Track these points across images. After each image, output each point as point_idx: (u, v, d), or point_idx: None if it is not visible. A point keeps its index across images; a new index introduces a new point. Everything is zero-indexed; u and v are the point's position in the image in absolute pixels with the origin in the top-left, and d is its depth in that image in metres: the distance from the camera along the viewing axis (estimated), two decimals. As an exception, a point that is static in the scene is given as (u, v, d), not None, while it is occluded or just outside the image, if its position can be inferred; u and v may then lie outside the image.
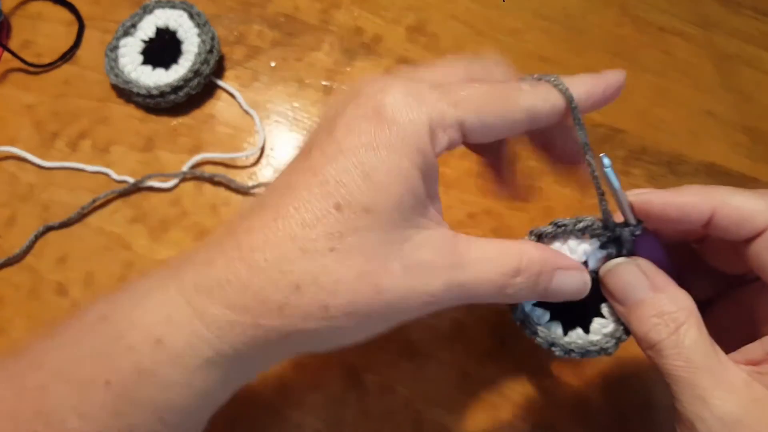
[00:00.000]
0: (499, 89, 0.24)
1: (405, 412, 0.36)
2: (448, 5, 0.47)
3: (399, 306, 0.23)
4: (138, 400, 0.23)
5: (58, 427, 0.23)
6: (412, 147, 0.22)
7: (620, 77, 0.26)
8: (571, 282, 0.26)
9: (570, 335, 0.28)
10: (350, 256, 0.22)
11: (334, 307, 0.22)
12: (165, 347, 0.22)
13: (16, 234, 0.39)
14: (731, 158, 0.44)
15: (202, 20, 0.43)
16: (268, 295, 0.22)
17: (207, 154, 0.41)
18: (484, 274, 0.24)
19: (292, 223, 0.22)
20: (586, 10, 0.48)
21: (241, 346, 0.22)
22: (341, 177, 0.22)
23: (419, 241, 0.23)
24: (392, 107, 0.22)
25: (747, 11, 0.49)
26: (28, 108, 0.43)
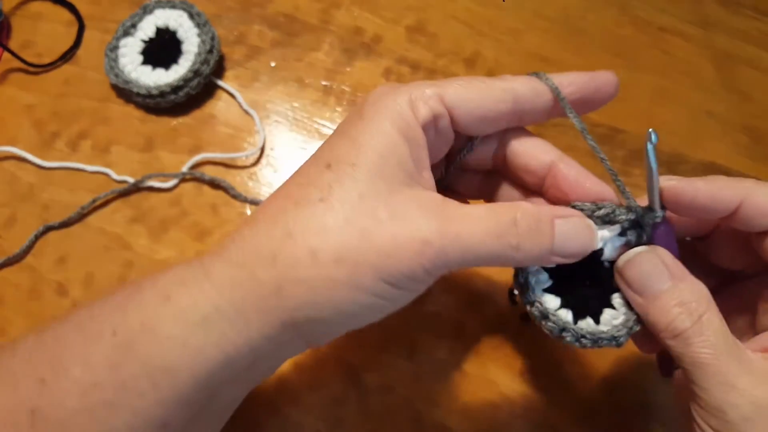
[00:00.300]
0: (481, 77, 0.26)
1: (405, 412, 0.36)
2: (448, 5, 0.47)
3: (388, 251, 0.22)
4: (135, 354, 0.23)
5: (63, 374, 0.24)
6: (392, 113, 0.24)
7: (610, 76, 0.27)
8: (575, 229, 0.25)
9: (580, 324, 0.28)
10: (338, 204, 0.23)
11: (322, 252, 0.22)
12: (171, 303, 0.23)
13: (16, 234, 0.39)
14: (731, 158, 0.44)
15: (202, 20, 0.43)
16: (263, 246, 0.23)
17: (207, 154, 0.41)
18: (481, 224, 0.23)
19: (290, 186, 0.25)
20: (586, 10, 0.48)
21: (238, 301, 0.23)
22: (333, 146, 0.25)
23: (406, 196, 0.24)
24: (375, 94, 0.25)
25: (747, 11, 0.49)
26: (28, 108, 0.43)
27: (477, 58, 0.46)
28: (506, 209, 0.24)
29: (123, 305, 0.24)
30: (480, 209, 0.24)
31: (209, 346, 0.23)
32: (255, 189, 0.41)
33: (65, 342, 0.24)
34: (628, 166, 0.43)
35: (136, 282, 0.25)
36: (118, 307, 0.24)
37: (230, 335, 0.23)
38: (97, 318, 0.24)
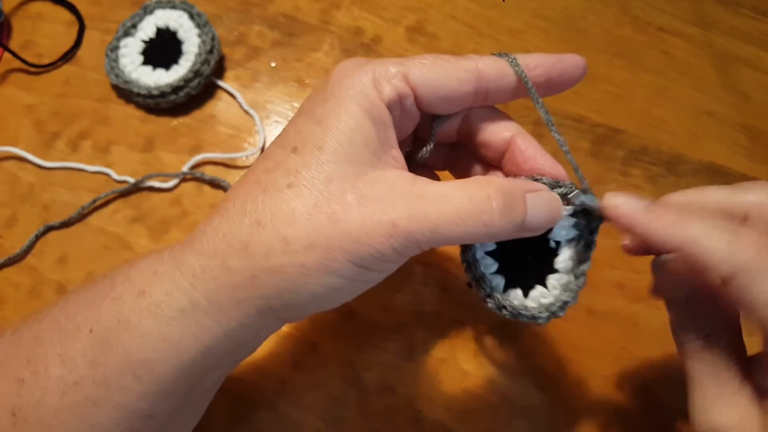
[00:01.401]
0: (446, 56, 0.26)
1: (405, 411, 0.36)
2: (447, 5, 0.48)
3: (358, 236, 0.22)
4: (114, 349, 0.23)
5: (42, 374, 0.24)
6: (357, 93, 0.24)
7: (576, 58, 0.26)
8: (545, 202, 0.25)
9: (508, 293, 0.28)
10: (306, 189, 0.23)
11: (294, 239, 0.22)
12: (146, 297, 0.23)
13: (17, 234, 0.39)
14: (731, 158, 0.44)
15: (202, 20, 0.43)
16: (233, 236, 0.23)
17: (207, 155, 0.41)
18: (453, 204, 0.23)
19: (257, 171, 0.24)
20: (585, 10, 0.48)
21: (212, 293, 0.23)
22: (298, 128, 0.24)
23: (374, 177, 0.23)
24: (338, 70, 0.25)
25: (746, 11, 0.49)
26: (29, 108, 0.43)
27: (477, 59, 0.46)
28: (479, 187, 0.23)
29: (97, 302, 0.24)
30: (451, 187, 0.23)
31: (187, 338, 0.23)
32: (255, 189, 0.41)
33: (41, 341, 0.24)
34: (628, 166, 0.43)
35: (109, 275, 0.25)
36: (93, 303, 0.24)
37: (208, 326, 0.23)
38: (72, 316, 0.24)
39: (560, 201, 0.26)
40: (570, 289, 0.27)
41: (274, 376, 0.36)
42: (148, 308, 0.23)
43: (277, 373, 0.36)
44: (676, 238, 0.23)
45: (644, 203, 0.25)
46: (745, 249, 0.22)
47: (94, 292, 0.25)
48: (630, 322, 0.39)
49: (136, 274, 0.24)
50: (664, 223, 0.24)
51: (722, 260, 0.22)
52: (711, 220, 0.23)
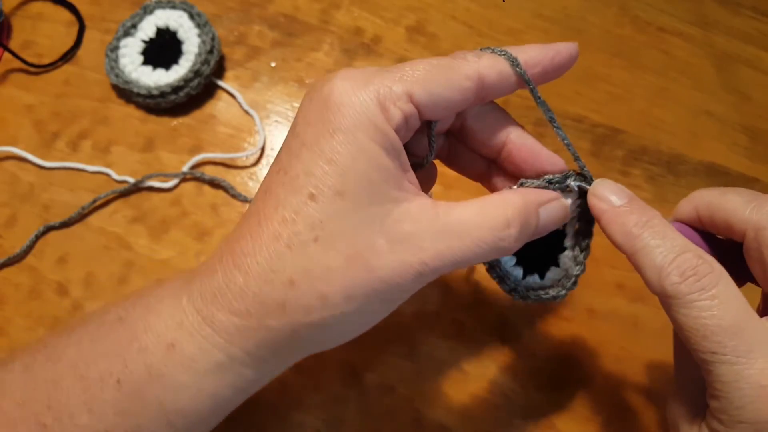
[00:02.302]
0: (445, 61, 0.24)
1: (405, 411, 0.36)
2: (447, 5, 0.48)
3: (393, 280, 0.23)
4: (146, 400, 0.23)
5: (66, 421, 0.23)
6: (366, 124, 0.22)
7: (571, 48, 0.26)
8: (554, 213, 0.26)
9: (527, 280, 0.30)
10: (335, 241, 0.22)
11: (332, 293, 0.22)
12: (177, 351, 0.23)
13: (17, 234, 0.39)
14: (731, 158, 0.44)
15: (202, 20, 0.43)
16: (266, 296, 0.22)
17: (207, 155, 0.41)
18: (474, 234, 0.23)
19: (274, 223, 0.23)
20: (585, 10, 0.48)
21: (252, 348, 0.23)
22: (309, 169, 0.23)
23: (399, 215, 0.23)
24: (339, 92, 0.23)
25: (746, 11, 0.49)
26: (29, 108, 0.43)
27: (477, 59, 0.46)
28: (497, 211, 0.24)
29: (120, 351, 0.24)
30: (470, 213, 0.24)
31: (224, 387, 0.24)
32: (255, 189, 0.41)
33: (62, 387, 0.24)
34: (628, 166, 0.43)
35: (124, 319, 0.25)
36: (115, 352, 0.24)
37: (246, 375, 0.24)
38: (92, 363, 0.24)
39: (567, 206, 0.27)
40: (579, 262, 0.29)
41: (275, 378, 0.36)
42: (182, 362, 0.23)
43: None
44: (624, 246, 0.25)
45: (622, 200, 0.26)
46: (672, 275, 0.23)
47: (113, 338, 0.24)
48: (630, 322, 0.39)
49: (159, 324, 0.24)
50: (622, 227, 0.25)
51: (651, 281, 0.24)
52: (661, 239, 0.24)
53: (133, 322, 0.24)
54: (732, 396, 0.22)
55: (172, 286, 0.25)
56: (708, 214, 0.26)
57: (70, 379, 0.24)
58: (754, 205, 0.24)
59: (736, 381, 0.22)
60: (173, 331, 0.23)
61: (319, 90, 0.23)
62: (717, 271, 0.23)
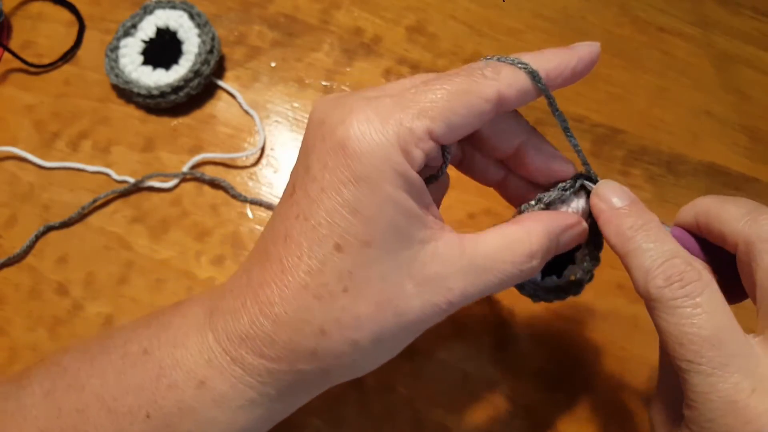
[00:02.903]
0: (461, 83, 0.23)
1: (405, 411, 0.36)
2: (447, 5, 0.48)
3: (421, 320, 0.23)
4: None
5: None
6: (389, 171, 0.22)
7: (593, 49, 0.26)
8: (573, 237, 0.27)
9: (545, 281, 0.30)
10: (364, 291, 0.22)
11: (362, 339, 0.23)
12: (208, 389, 0.23)
13: (17, 234, 0.39)
14: (731, 158, 0.44)
15: (202, 20, 0.43)
16: (297, 344, 0.23)
17: (207, 155, 0.41)
18: (500, 267, 0.24)
19: (300, 273, 0.22)
20: (585, 10, 0.48)
21: (284, 388, 0.24)
22: (332, 218, 0.22)
23: (426, 257, 0.23)
24: (357, 138, 0.22)
25: (746, 11, 0.49)
26: (29, 108, 0.43)
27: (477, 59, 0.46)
28: (522, 245, 0.24)
29: (149, 386, 0.24)
30: (495, 246, 0.24)
31: (255, 420, 0.24)
32: (255, 189, 0.41)
33: (88, 418, 0.24)
34: (628, 166, 0.43)
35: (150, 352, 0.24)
36: (144, 388, 0.24)
37: (277, 409, 0.24)
38: (120, 397, 0.24)
39: (587, 229, 0.27)
40: (594, 257, 0.30)
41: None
42: (213, 399, 0.23)
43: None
44: (617, 247, 0.25)
45: (624, 201, 0.26)
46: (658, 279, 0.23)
47: (140, 372, 0.24)
48: (630, 322, 0.39)
49: (187, 360, 0.24)
50: (617, 229, 0.25)
51: (638, 282, 0.24)
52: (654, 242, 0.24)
53: (161, 357, 0.24)
54: (704, 408, 0.22)
55: (194, 319, 0.25)
56: (705, 222, 0.26)
57: (96, 410, 0.24)
58: (749, 219, 0.24)
59: (708, 393, 0.22)
60: (203, 369, 0.23)
61: (333, 131, 0.22)
62: (704, 280, 0.23)
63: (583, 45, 0.25)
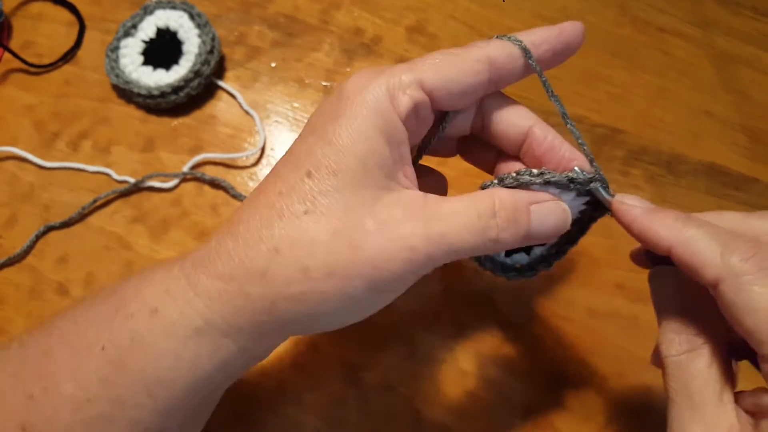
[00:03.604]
0: (455, 49, 0.25)
1: (405, 412, 0.36)
2: (447, 6, 0.48)
3: (377, 263, 0.23)
4: (128, 367, 0.23)
5: (52, 391, 0.23)
6: (371, 110, 0.23)
7: (577, 27, 0.26)
8: (550, 213, 0.25)
9: (513, 257, 0.31)
10: (323, 216, 0.23)
11: (314, 267, 0.22)
12: (160, 316, 0.23)
13: (17, 234, 0.39)
14: (730, 158, 0.44)
15: (202, 21, 0.43)
16: (251, 261, 0.23)
17: (207, 155, 0.42)
18: (462, 219, 0.23)
19: (270, 195, 0.24)
20: (585, 10, 0.48)
21: (230, 316, 0.23)
22: (310, 149, 0.24)
23: (390, 200, 0.23)
24: (352, 84, 0.24)
25: (746, 11, 0.49)
26: (29, 108, 0.43)
27: (477, 59, 0.46)
28: (485, 201, 0.24)
29: (108, 318, 0.24)
30: (460, 204, 0.24)
31: (203, 356, 0.23)
32: (255, 189, 0.41)
33: (52, 357, 0.24)
34: (628, 166, 0.43)
35: (117, 290, 0.25)
36: (104, 320, 0.24)
37: (224, 345, 0.24)
38: (82, 332, 0.24)
39: (568, 211, 0.26)
40: (547, 261, 0.31)
41: (275, 376, 0.36)
42: (163, 327, 0.23)
43: (277, 373, 0.36)
44: (670, 238, 0.24)
45: (650, 205, 0.25)
46: (736, 254, 0.22)
47: (104, 307, 0.25)
48: (630, 322, 0.39)
49: (147, 291, 0.24)
50: (662, 222, 0.24)
51: (711, 262, 0.22)
52: (709, 226, 0.23)
53: (124, 290, 0.25)
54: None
55: (169, 259, 0.26)
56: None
57: (60, 349, 0.24)
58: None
59: None
60: (159, 297, 0.24)
61: (338, 87, 0.25)
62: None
63: (566, 23, 0.27)
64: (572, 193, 0.27)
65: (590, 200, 0.28)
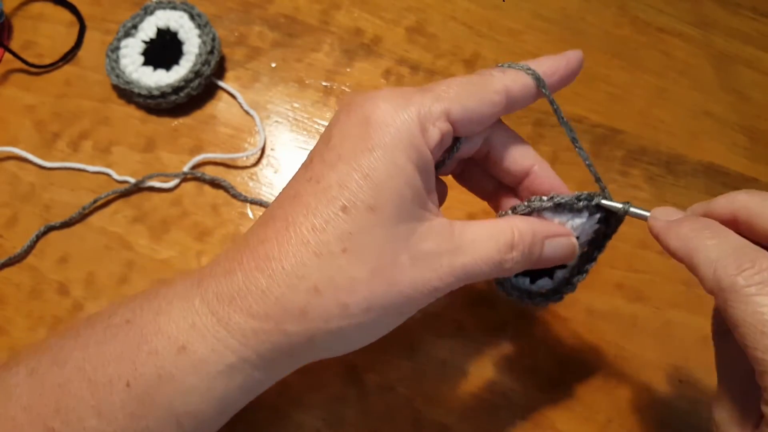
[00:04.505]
0: (475, 78, 0.26)
1: (405, 411, 0.36)
2: (447, 6, 0.48)
3: (411, 295, 0.24)
4: (157, 403, 0.23)
5: (75, 425, 0.23)
6: (405, 143, 0.23)
7: (578, 54, 0.28)
8: (560, 248, 0.27)
9: (538, 283, 0.32)
10: (362, 254, 0.23)
11: (353, 304, 0.23)
12: (188, 353, 0.23)
13: (18, 234, 0.39)
14: (730, 158, 0.45)
15: (203, 21, 0.43)
16: (289, 301, 0.23)
17: (208, 155, 0.42)
18: (483, 253, 0.25)
19: (303, 230, 0.23)
20: (584, 10, 0.48)
21: (266, 352, 0.23)
22: (343, 181, 0.23)
23: (422, 233, 0.24)
24: (381, 111, 0.24)
25: (745, 12, 0.50)
26: (29, 108, 0.43)
27: (476, 59, 0.46)
28: (505, 233, 0.25)
29: (130, 355, 0.24)
30: (481, 234, 0.25)
31: (233, 389, 0.24)
32: (255, 189, 0.41)
33: (69, 391, 0.24)
34: (628, 167, 0.43)
35: (133, 321, 0.24)
36: (126, 356, 0.24)
37: (257, 378, 0.24)
38: (101, 367, 0.24)
39: (576, 246, 0.28)
40: (571, 282, 0.31)
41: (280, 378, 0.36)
42: (193, 364, 0.23)
43: (277, 373, 0.36)
44: (679, 251, 0.24)
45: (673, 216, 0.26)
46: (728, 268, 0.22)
47: (122, 341, 0.24)
48: (629, 322, 0.39)
49: (170, 326, 0.24)
50: (676, 234, 0.25)
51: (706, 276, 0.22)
52: (720, 237, 0.23)
53: (143, 324, 0.24)
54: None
55: (182, 287, 0.25)
56: (747, 220, 0.24)
57: (78, 382, 0.24)
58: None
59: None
60: (185, 333, 0.23)
61: (360, 106, 0.24)
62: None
63: (570, 51, 0.28)
64: (585, 214, 0.28)
65: (602, 217, 0.29)
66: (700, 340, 0.38)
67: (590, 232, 0.29)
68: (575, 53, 0.28)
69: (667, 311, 0.39)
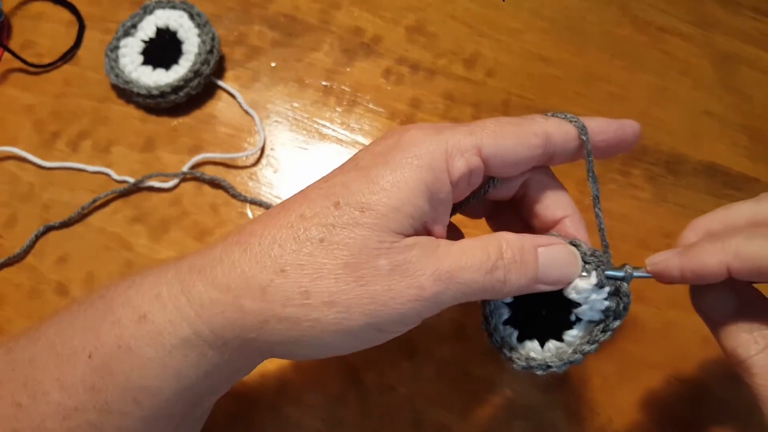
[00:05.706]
0: (515, 119, 0.25)
1: (405, 411, 0.36)
2: (447, 5, 0.48)
3: (384, 299, 0.22)
4: (114, 375, 0.23)
5: (41, 398, 0.23)
6: (423, 164, 0.23)
7: (634, 125, 0.27)
8: (557, 255, 0.25)
9: (526, 343, 0.28)
10: (338, 248, 0.22)
11: (315, 293, 0.22)
12: (147, 323, 0.23)
13: (17, 234, 0.39)
14: (731, 158, 0.44)
15: (202, 20, 0.43)
16: (253, 275, 0.22)
17: (207, 155, 0.42)
18: (471, 257, 0.23)
19: (292, 215, 0.23)
20: (585, 10, 0.48)
21: (219, 328, 0.23)
22: (347, 182, 0.23)
23: (408, 244, 0.23)
24: (412, 135, 0.24)
25: (746, 11, 0.49)
26: (29, 108, 0.43)
27: (477, 59, 0.46)
28: (493, 242, 0.24)
29: (95, 325, 0.24)
30: (467, 244, 0.24)
31: (188, 367, 0.23)
32: (255, 189, 0.41)
33: (38, 364, 0.24)
34: (628, 167, 0.43)
35: (106, 295, 0.25)
36: (91, 327, 0.24)
37: (209, 356, 0.23)
38: (68, 339, 0.24)
39: (576, 255, 0.26)
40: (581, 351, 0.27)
41: (275, 376, 0.36)
42: (149, 335, 0.23)
43: (277, 373, 0.36)
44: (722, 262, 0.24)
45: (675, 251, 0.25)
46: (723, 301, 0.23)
47: (91, 314, 0.24)
48: (630, 322, 0.39)
49: (137, 297, 0.24)
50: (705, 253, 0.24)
51: None
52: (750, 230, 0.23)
53: (113, 297, 0.24)
54: None
55: (159, 266, 0.25)
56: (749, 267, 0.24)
57: (46, 356, 0.24)
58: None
59: None
60: (148, 303, 0.23)
61: (395, 132, 0.25)
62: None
63: (627, 120, 0.27)
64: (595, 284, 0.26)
65: (611, 291, 0.26)
66: (700, 340, 0.38)
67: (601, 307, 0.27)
68: (632, 123, 0.27)
69: (667, 311, 0.39)
